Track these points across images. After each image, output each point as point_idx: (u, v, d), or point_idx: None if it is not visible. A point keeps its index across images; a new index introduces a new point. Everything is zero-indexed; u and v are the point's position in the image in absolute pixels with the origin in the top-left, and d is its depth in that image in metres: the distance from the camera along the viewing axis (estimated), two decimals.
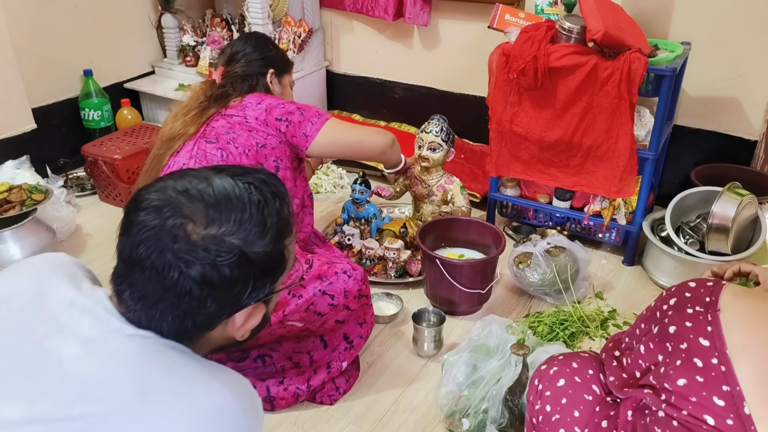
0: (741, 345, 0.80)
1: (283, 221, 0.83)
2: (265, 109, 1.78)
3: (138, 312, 0.79)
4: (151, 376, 0.76)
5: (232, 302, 0.81)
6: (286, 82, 1.98)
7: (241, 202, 0.80)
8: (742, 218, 1.98)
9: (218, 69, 1.91)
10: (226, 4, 3.28)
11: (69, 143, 2.94)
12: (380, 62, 3.16)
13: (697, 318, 0.83)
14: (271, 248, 0.81)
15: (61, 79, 2.90)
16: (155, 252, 0.76)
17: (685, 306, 0.86)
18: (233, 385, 0.81)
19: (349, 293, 1.61)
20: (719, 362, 0.79)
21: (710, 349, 0.80)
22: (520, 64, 2.03)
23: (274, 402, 1.68)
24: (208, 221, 0.77)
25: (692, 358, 0.81)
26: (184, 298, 0.77)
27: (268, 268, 0.82)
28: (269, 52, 1.93)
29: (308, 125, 1.79)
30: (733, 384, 0.78)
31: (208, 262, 0.76)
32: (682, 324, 0.84)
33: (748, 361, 0.79)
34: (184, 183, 0.80)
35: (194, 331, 0.82)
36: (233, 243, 0.78)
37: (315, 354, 1.69)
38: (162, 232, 0.76)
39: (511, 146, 2.24)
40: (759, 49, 2.27)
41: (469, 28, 2.81)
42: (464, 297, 1.96)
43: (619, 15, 2.03)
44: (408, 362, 1.84)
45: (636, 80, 1.92)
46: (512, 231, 2.45)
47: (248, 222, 0.79)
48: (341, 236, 2.26)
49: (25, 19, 2.70)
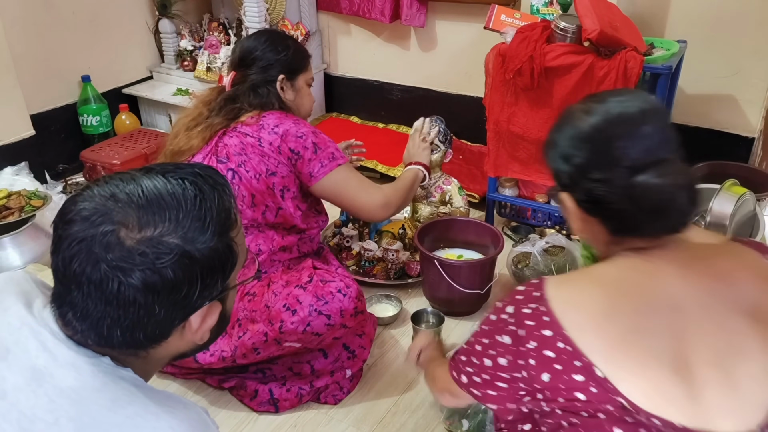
0: (575, 323, 0.87)
1: (224, 213, 0.78)
2: (281, 135, 1.69)
3: (85, 332, 0.74)
4: (92, 414, 0.72)
5: (183, 305, 0.76)
6: (300, 84, 1.86)
7: (175, 200, 0.74)
8: (740, 215, 1.98)
9: (229, 74, 1.84)
10: (223, 8, 3.29)
11: (68, 149, 2.95)
12: (378, 64, 3.17)
13: (534, 314, 0.89)
14: (216, 243, 0.75)
15: (60, 85, 2.90)
16: (89, 265, 0.71)
17: (521, 308, 0.91)
18: (185, 416, 0.76)
19: (345, 312, 1.59)
20: (564, 344, 0.86)
21: (554, 337, 0.87)
22: (516, 64, 2.04)
23: (278, 404, 1.68)
24: (141, 224, 0.72)
25: (543, 351, 0.87)
26: (129, 310, 0.72)
27: (215, 264, 0.76)
28: (279, 54, 1.80)
29: (317, 165, 1.73)
30: (580, 357, 0.85)
31: (147, 266, 0.71)
32: (524, 324, 0.89)
33: (584, 334, 0.86)
34: (110, 188, 0.74)
35: (148, 342, 0.77)
36: (172, 243, 0.72)
37: (316, 364, 1.69)
38: (93, 242, 0.71)
39: (509, 146, 2.24)
40: (755, 46, 2.27)
41: (465, 29, 2.82)
42: (463, 297, 1.96)
43: (614, 14, 2.04)
44: (407, 364, 1.84)
45: (632, 79, 1.92)
46: (511, 231, 2.45)
47: (185, 219, 0.73)
48: (340, 238, 2.26)
49: (23, 25, 2.71)
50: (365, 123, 3.25)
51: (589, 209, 0.95)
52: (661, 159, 0.88)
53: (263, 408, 1.68)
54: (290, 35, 1.96)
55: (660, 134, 0.89)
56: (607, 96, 0.96)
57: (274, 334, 1.56)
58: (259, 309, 1.61)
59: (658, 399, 0.84)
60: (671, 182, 0.88)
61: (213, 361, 1.63)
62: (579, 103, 0.99)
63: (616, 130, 0.90)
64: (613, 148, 0.89)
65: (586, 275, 0.98)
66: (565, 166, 0.95)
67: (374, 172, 2.80)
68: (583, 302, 0.90)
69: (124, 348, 0.76)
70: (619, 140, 0.89)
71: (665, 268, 0.91)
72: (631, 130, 0.89)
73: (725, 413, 0.85)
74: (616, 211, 0.91)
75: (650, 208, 0.89)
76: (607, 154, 0.89)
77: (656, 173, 0.87)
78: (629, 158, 0.88)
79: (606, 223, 0.94)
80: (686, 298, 0.89)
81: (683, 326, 0.88)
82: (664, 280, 0.90)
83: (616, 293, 0.90)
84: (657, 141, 0.89)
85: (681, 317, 0.88)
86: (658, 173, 0.87)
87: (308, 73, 1.89)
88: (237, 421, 1.67)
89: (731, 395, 0.86)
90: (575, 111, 0.96)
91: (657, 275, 0.91)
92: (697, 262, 0.93)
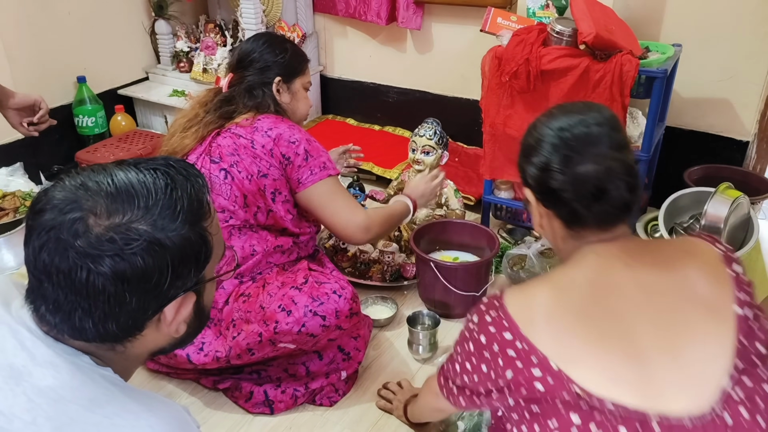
0: (528, 322, 0.95)
1: (196, 202, 0.77)
2: (273, 139, 1.68)
3: (60, 326, 0.74)
4: (70, 413, 0.71)
5: (155, 295, 0.75)
6: (297, 87, 1.85)
7: (145, 188, 0.74)
8: (734, 218, 1.99)
9: (227, 76, 1.83)
10: (219, 9, 3.29)
11: (63, 150, 2.94)
12: (374, 66, 3.17)
13: (495, 321, 0.98)
14: (187, 231, 0.75)
15: (55, 85, 2.90)
16: (58, 254, 0.70)
17: (483, 316, 1.00)
18: (164, 415, 0.76)
19: (340, 313, 1.59)
20: (521, 343, 0.94)
21: (513, 339, 0.94)
22: (512, 67, 2.04)
23: (272, 405, 1.68)
24: (110, 211, 0.72)
25: (506, 352, 0.95)
26: (99, 299, 0.72)
27: (187, 253, 0.76)
28: (277, 57, 1.80)
29: (307, 173, 1.71)
30: (536, 353, 0.92)
31: (116, 252, 0.70)
32: (487, 331, 0.98)
33: (537, 331, 0.94)
34: (81, 178, 0.74)
35: (122, 334, 0.76)
36: (141, 229, 0.72)
37: (311, 365, 1.69)
38: (62, 230, 0.70)
39: (505, 149, 2.24)
40: (750, 50, 2.29)
41: (461, 31, 2.82)
42: (459, 300, 1.96)
43: (610, 17, 2.05)
44: (403, 366, 1.84)
45: (627, 82, 1.93)
46: (507, 233, 2.45)
47: (155, 206, 0.73)
48: (336, 240, 2.26)
49: (18, 26, 2.70)
50: (361, 125, 3.25)
51: (545, 201, 1.05)
52: (602, 153, 0.99)
53: (258, 409, 1.68)
54: (289, 38, 1.94)
55: (606, 137, 1.00)
56: (569, 106, 1.08)
57: (269, 335, 1.56)
58: (254, 310, 1.61)
59: (610, 384, 0.90)
60: (605, 169, 0.98)
61: (207, 362, 1.63)
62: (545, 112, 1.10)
63: (573, 131, 1.01)
64: (566, 148, 1.00)
65: (538, 279, 1.05)
66: (527, 165, 1.05)
67: (370, 174, 2.81)
68: (534, 302, 0.98)
69: (99, 341, 0.76)
70: (572, 141, 1.00)
71: (612, 260, 0.99)
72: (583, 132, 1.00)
73: (678, 393, 0.89)
74: (564, 200, 1.00)
75: (587, 194, 0.98)
76: (560, 153, 1.00)
77: (594, 163, 0.98)
78: (575, 153, 0.99)
79: (559, 214, 1.04)
80: (630, 285, 0.96)
81: (628, 310, 0.94)
82: (610, 270, 0.98)
83: (564, 288, 0.99)
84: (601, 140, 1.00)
85: (625, 302, 0.95)
86: (595, 162, 0.98)
87: (305, 77, 1.88)
88: (232, 422, 1.66)
89: (683, 377, 0.90)
90: (540, 118, 1.08)
91: (603, 266, 0.99)
92: (643, 252, 1.02)
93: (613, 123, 1.03)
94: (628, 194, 0.99)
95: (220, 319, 1.67)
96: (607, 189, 0.98)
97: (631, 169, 1.00)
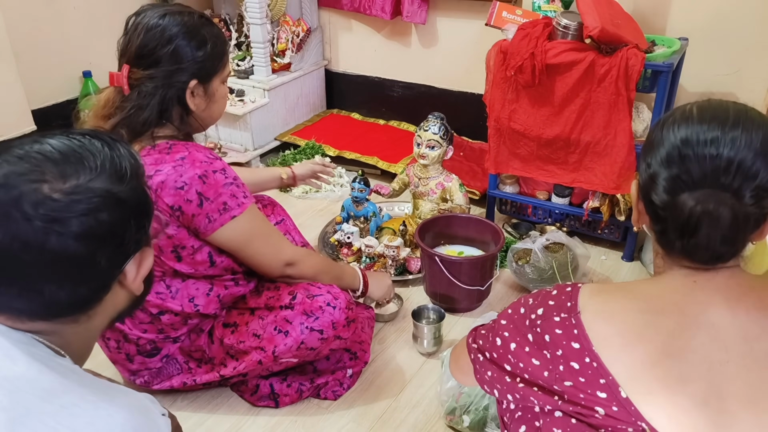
0: (604, 338, 0.86)
1: (132, 159, 0.80)
2: (154, 190, 1.34)
3: (23, 309, 0.75)
4: (26, 404, 0.70)
5: (120, 251, 0.79)
6: (214, 88, 1.49)
7: (87, 151, 0.76)
8: None
9: (123, 67, 1.40)
10: (224, 4, 3.29)
11: None
12: (379, 61, 3.17)
13: (563, 324, 0.89)
14: (136, 185, 0.79)
15: (61, 80, 2.91)
16: (20, 229, 0.70)
17: (551, 315, 0.91)
18: (124, 403, 0.76)
19: (337, 324, 1.56)
20: (591, 359, 0.86)
21: (581, 351, 0.86)
22: (517, 61, 2.04)
23: (278, 399, 1.68)
24: (64, 176, 0.73)
25: (569, 362, 0.87)
26: (72, 263, 0.74)
27: (141, 207, 0.81)
28: (195, 53, 1.41)
29: (203, 221, 1.41)
30: (606, 375, 0.84)
31: (81, 212, 0.72)
32: (552, 332, 0.90)
33: (612, 351, 0.85)
34: (17, 150, 0.75)
35: (92, 296, 0.79)
36: (99, 187, 0.74)
37: (318, 364, 1.70)
38: (19, 204, 0.70)
39: (510, 143, 2.24)
40: (757, 44, 2.27)
41: (466, 25, 2.82)
42: (464, 294, 1.97)
43: (615, 11, 2.04)
44: (408, 359, 1.85)
45: (633, 76, 1.92)
46: (512, 228, 2.45)
47: (104, 165, 0.76)
48: (341, 234, 2.27)
49: (24, 20, 2.71)
50: (366, 120, 3.25)
51: (645, 205, 0.91)
52: (715, 188, 0.82)
53: (263, 403, 1.69)
54: (207, 17, 1.49)
55: (734, 169, 0.81)
56: (715, 109, 0.88)
57: (269, 360, 1.54)
58: (248, 339, 1.56)
59: (682, 427, 0.81)
60: (707, 213, 0.81)
61: (213, 379, 1.63)
62: (686, 107, 0.91)
63: (697, 150, 0.83)
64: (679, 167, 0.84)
65: (623, 287, 0.95)
66: (641, 160, 0.92)
67: (375, 168, 2.81)
68: (614, 315, 0.88)
69: (68, 314, 0.78)
70: (690, 162, 0.83)
71: (711, 295, 0.87)
72: (710, 155, 0.82)
73: None
74: (660, 217, 0.88)
75: (676, 227, 0.85)
76: (671, 170, 0.85)
77: (699, 201, 0.82)
78: (687, 176, 0.83)
79: (653, 227, 0.91)
80: (729, 329, 0.84)
81: (721, 358, 0.83)
82: (708, 307, 0.86)
83: (652, 311, 0.87)
84: (727, 172, 0.81)
85: (720, 348, 0.83)
86: (701, 201, 0.82)
87: (225, 69, 1.51)
88: (237, 416, 1.67)
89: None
90: (676, 113, 0.90)
91: (700, 300, 0.87)
92: (748, 294, 0.87)
93: (757, 149, 0.81)
94: (719, 246, 0.84)
95: (210, 357, 1.62)
96: (697, 233, 0.84)
97: (737, 221, 0.82)
